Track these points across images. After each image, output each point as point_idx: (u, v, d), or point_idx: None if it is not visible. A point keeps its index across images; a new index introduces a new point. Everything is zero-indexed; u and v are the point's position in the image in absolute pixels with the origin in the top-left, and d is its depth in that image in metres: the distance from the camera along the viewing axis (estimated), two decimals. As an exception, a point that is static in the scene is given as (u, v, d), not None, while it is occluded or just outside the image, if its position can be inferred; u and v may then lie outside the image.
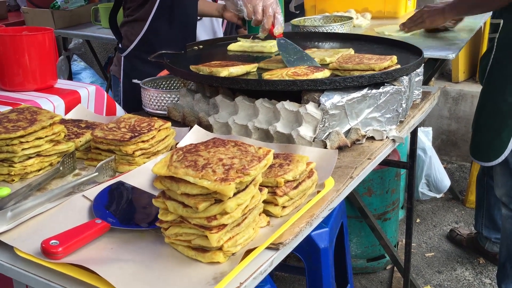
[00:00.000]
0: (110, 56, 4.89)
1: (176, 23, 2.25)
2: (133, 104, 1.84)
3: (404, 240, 2.45)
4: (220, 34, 2.85)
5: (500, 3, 2.11)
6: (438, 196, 3.35)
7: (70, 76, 4.46)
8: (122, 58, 2.31)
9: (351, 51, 1.68)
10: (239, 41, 1.93)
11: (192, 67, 1.57)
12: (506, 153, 2.09)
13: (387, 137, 1.45)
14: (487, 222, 2.67)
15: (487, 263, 2.76)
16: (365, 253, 2.66)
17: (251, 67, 1.56)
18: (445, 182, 3.27)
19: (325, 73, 1.46)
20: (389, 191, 2.60)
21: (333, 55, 1.62)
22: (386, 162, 2.21)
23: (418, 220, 3.23)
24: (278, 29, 1.64)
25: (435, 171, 3.21)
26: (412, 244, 2.63)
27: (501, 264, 2.32)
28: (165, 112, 1.67)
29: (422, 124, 3.47)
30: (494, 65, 2.12)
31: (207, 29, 2.60)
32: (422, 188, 3.28)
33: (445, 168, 3.42)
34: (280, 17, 1.63)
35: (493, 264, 2.73)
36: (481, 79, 2.24)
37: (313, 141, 1.33)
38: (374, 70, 1.43)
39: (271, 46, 1.83)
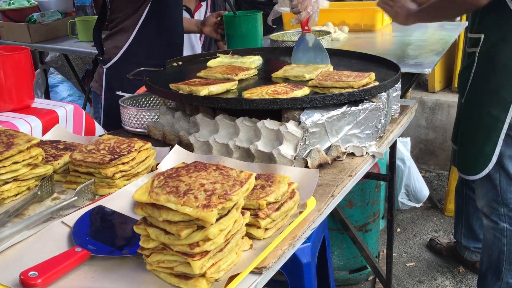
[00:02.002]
0: (87, 69, 4.84)
1: (163, 32, 2.23)
2: (115, 118, 1.79)
3: (385, 251, 2.46)
4: (199, 48, 2.85)
5: (459, 10, 2.24)
6: (417, 205, 3.39)
7: (47, 89, 4.40)
8: (105, 70, 2.25)
9: (329, 67, 1.70)
10: (219, 57, 1.93)
11: (172, 86, 1.55)
12: (489, 167, 2.10)
13: (367, 153, 1.46)
14: (466, 231, 2.70)
15: (467, 271, 2.79)
16: (347, 264, 2.67)
17: (231, 85, 1.56)
18: (424, 191, 3.31)
19: (304, 91, 1.47)
20: (369, 202, 2.62)
21: (312, 71, 1.63)
22: (366, 175, 2.21)
23: (398, 230, 3.26)
24: (309, 25, 1.88)
25: (414, 181, 3.24)
26: (393, 254, 2.65)
27: (482, 273, 2.35)
28: (145, 130, 1.66)
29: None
30: (475, 79, 2.13)
31: (185, 44, 2.58)
32: (402, 198, 3.32)
33: (423, 176, 3.46)
34: (315, 16, 1.86)
35: (472, 272, 2.76)
36: (461, 93, 2.26)
37: (294, 159, 1.34)
38: (353, 87, 1.44)
39: (250, 62, 1.83)
